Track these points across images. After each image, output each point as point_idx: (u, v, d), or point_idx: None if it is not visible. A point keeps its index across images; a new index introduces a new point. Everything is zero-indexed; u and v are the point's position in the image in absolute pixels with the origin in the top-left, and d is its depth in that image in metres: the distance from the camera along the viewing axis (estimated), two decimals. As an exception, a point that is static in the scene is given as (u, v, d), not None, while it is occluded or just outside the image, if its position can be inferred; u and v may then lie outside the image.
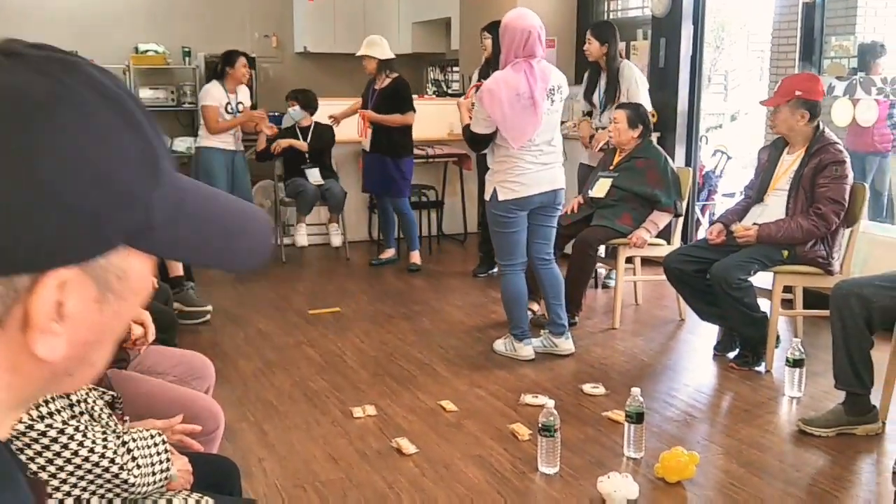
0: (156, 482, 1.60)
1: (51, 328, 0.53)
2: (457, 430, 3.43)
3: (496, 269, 4.79)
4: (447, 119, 7.18)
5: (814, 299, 4.45)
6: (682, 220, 5.16)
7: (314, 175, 6.44)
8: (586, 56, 5.50)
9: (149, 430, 1.66)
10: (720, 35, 15.49)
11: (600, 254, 4.97)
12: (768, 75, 6.33)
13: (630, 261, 5.16)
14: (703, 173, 7.30)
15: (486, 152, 4.22)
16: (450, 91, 9.42)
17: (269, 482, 2.97)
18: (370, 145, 6.22)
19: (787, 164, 4.13)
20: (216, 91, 6.20)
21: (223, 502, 1.82)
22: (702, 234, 5.76)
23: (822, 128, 4.06)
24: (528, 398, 3.71)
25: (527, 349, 4.28)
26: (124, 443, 1.55)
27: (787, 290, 4.32)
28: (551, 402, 3.08)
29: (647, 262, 5.48)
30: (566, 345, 4.34)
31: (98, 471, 1.49)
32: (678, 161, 6.06)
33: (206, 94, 6.21)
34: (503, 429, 3.42)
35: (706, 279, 4.12)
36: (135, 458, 1.55)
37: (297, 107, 6.50)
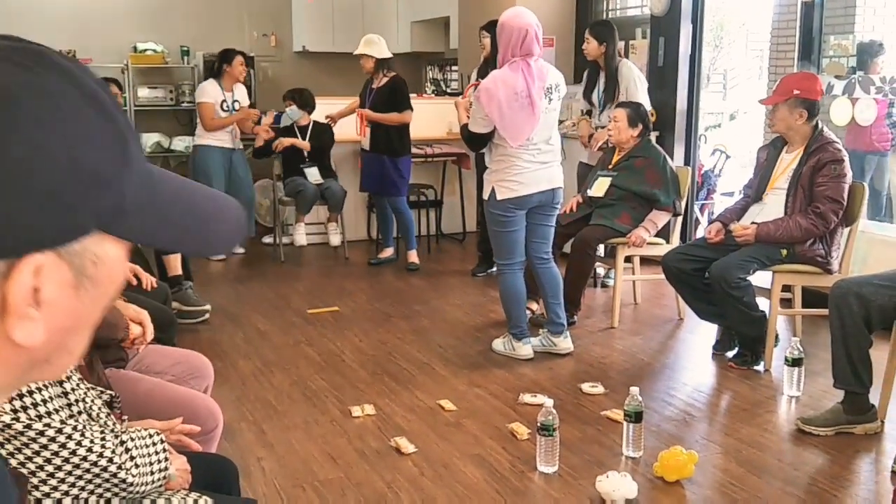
0: (154, 482, 1.60)
1: (28, 314, 0.53)
2: (456, 429, 3.43)
3: (495, 269, 4.78)
4: (446, 118, 7.18)
5: (813, 298, 4.45)
6: (680, 219, 5.17)
7: (313, 174, 6.44)
8: (585, 55, 5.51)
9: (147, 430, 1.66)
10: (719, 34, 15.48)
11: (599, 253, 4.97)
12: (767, 74, 6.33)
13: (629, 260, 5.16)
14: (702, 172, 7.29)
15: (483, 151, 4.22)
16: (448, 90, 9.41)
17: (267, 481, 2.97)
18: (368, 144, 6.23)
19: (786, 163, 4.13)
20: (212, 88, 6.26)
21: (222, 502, 1.82)
22: (701, 234, 5.76)
23: (820, 127, 4.06)
24: (527, 397, 3.71)
25: (525, 348, 4.28)
26: (122, 442, 1.54)
27: (786, 289, 4.31)
28: (550, 402, 3.09)
29: (646, 261, 5.48)
30: (565, 344, 4.34)
31: (96, 470, 1.49)
32: (677, 160, 6.06)
33: (202, 91, 6.30)
34: (502, 428, 3.42)
35: (705, 278, 4.12)
36: (133, 458, 1.55)
37: (294, 106, 6.51)
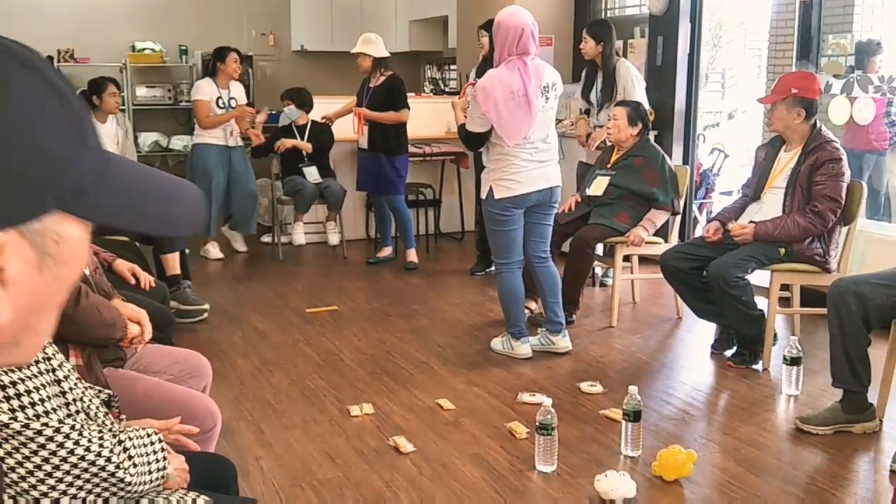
0: (152, 481, 1.60)
1: None
2: (454, 428, 3.43)
3: (493, 268, 4.78)
4: (444, 117, 7.18)
5: (811, 297, 4.45)
6: (679, 218, 5.17)
7: (312, 174, 6.43)
8: (582, 55, 5.50)
9: (145, 429, 1.65)
10: (718, 33, 15.50)
11: (598, 252, 4.97)
12: (766, 73, 6.34)
13: (627, 259, 5.16)
14: (701, 171, 7.29)
15: (481, 151, 4.22)
16: (447, 89, 9.41)
17: (266, 481, 2.96)
18: (365, 143, 6.23)
19: (784, 162, 4.13)
20: (207, 87, 6.30)
21: (220, 501, 1.82)
22: (699, 233, 5.76)
23: (818, 126, 4.06)
24: (526, 396, 3.71)
25: (524, 347, 4.28)
26: (120, 441, 1.54)
27: (785, 287, 4.31)
28: (549, 401, 3.09)
29: (645, 260, 5.48)
30: (563, 343, 4.34)
31: (94, 469, 1.48)
32: (676, 159, 6.06)
33: (197, 89, 6.37)
34: (500, 427, 3.41)
35: (703, 277, 4.12)
36: (131, 457, 1.55)
37: (293, 106, 6.50)
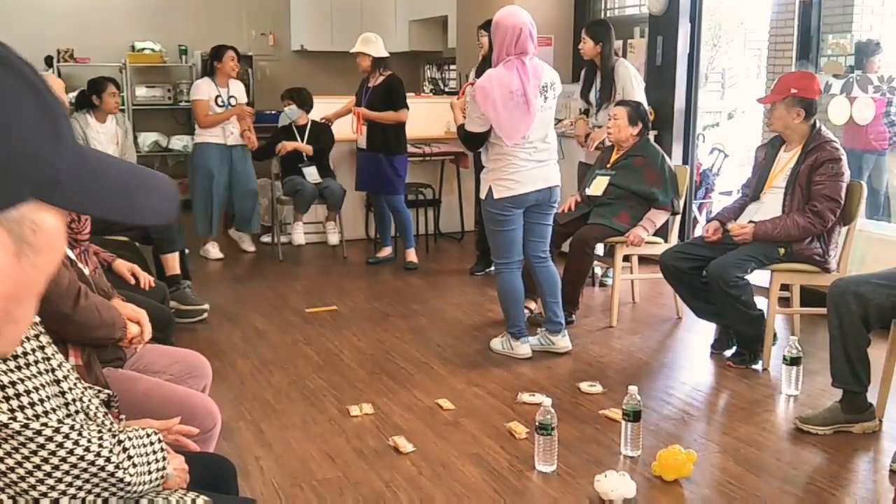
0: (152, 481, 1.60)
1: None
2: (454, 428, 3.43)
3: (493, 268, 4.77)
4: (444, 117, 7.17)
5: (811, 297, 4.45)
6: (679, 218, 5.17)
7: (312, 174, 6.43)
8: (581, 55, 5.50)
9: (145, 429, 1.65)
10: (717, 33, 15.49)
11: (597, 252, 4.97)
12: (765, 73, 6.33)
13: (627, 259, 5.16)
14: (701, 171, 7.29)
15: (480, 151, 4.22)
16: (447, 89, 9.41)
17: (265, 481, 2.96)
18: (364, 143, 6.23)
19: (784, 162, 4.13)
20: (205, 86, 6.31)
21: (220, 501, 1.82)
22: (699, 232, 5.76)
23: (818, 126, 4.06)
24: (526, 396, 3.71)
25: (524, 347, 4.27)
26: (120, 441, 1.54)
27: (785, 287, 4.31)
28: (548, 401, 3.09)
29: (645, 260, 5.48)
30: (563, 343, 4.34)
31: (94, 469, 1.48)
32: (675, 159, 6.06)
33: (195, 89, 6.40)
34: (500, 427, 3.41)
35: (703, 277, 4.12)
36: (131, 457, 1.54)
37: (294, 106, 6.49)
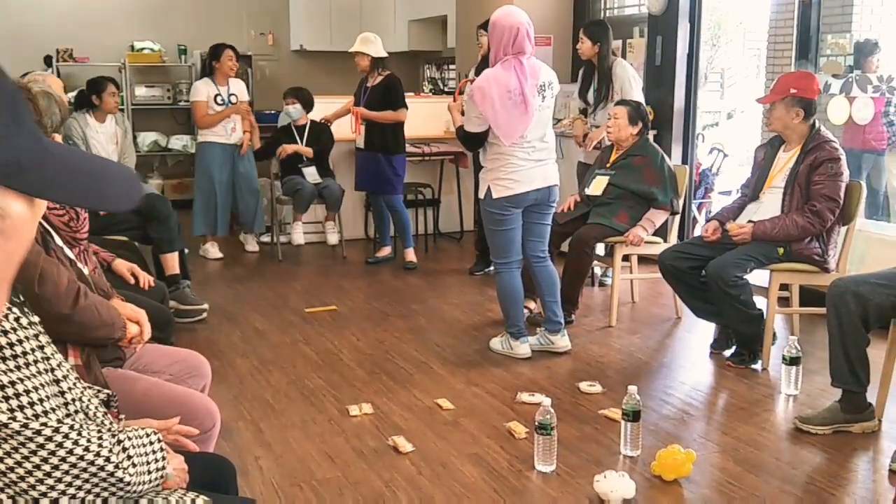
0: (151, 481, 1.60)
1: None
2: (453, 428, 3.43)
3: (492, 268, 4.77)
4: (443, 117, 7.16)
5: (810, 297, 4.46)
6: (678, 217, 5.16)
7: (311, 173, 6.43)
8: (579, 55, 5.50)
9: (144, 429, 1.65)
10: (717, 33, 15.48)
11: (597, 252, 4.97)
12: (765, 73, 6.34)
13: (627, 259, 5.16)
14: (700, 171, 7.30)
15: (479, 150, 4.22)
16: (446, 89, 9.41)
17: (265, 481, 2.96)
18: (363, 143, 6.23)
19: (783, 162, 4.13)
20: (203, 86, 6.31)
21: (219, 501, 1.81)
22: (698, 232, 5.76)
23: (817, 126, 4.07)
24: (525, 396, 3.71)
25: (523, 347, 4.28)
26: (119, 441, 1.54)
27: (784, 287, 4.31)
28: (548, 401, 3.08)
29: (644, 260, 5.48)
30: (563, 342, 4.34)
31: (93, 469, 1.48)
32: (675, 159, 6.06)
33: (194, 90, 6.41)
34: (500, 427, 3.41)
35: (702, 276, 4.12)
36: (130, 457, 1.54)
37: (298, 105, 6.48)
